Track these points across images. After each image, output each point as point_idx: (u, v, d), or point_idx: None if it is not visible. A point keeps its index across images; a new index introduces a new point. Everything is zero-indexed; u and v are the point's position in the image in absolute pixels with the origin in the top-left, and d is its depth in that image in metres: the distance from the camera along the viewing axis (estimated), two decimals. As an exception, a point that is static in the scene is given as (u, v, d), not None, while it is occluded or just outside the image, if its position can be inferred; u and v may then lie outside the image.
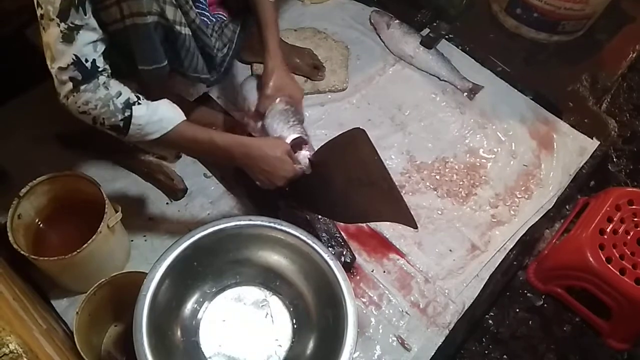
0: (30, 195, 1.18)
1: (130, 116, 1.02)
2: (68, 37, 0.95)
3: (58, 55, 0.97)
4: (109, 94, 1.01)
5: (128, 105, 1.02)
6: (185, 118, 1.10)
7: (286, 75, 1.28)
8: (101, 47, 1.01)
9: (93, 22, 0.98)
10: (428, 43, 1.77)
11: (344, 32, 1.82)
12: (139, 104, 1.03)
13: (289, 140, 1.21)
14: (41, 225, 1.24)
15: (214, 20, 1.27)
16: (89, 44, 0.98)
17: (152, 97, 1.08)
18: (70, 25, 0.95)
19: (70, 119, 1.07)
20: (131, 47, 1.04)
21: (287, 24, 1.78)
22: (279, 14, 1.62)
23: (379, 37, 1.82)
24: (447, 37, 1.84)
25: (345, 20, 1.86)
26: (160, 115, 1.06)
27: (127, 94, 1.03)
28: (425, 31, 1.83)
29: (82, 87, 0.99)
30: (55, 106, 1.10)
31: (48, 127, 1.45)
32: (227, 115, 1.52)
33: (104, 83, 1.00)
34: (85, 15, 0.95)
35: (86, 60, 0.98)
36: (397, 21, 1.81)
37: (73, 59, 0.97)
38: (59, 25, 0.94)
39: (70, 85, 0.98)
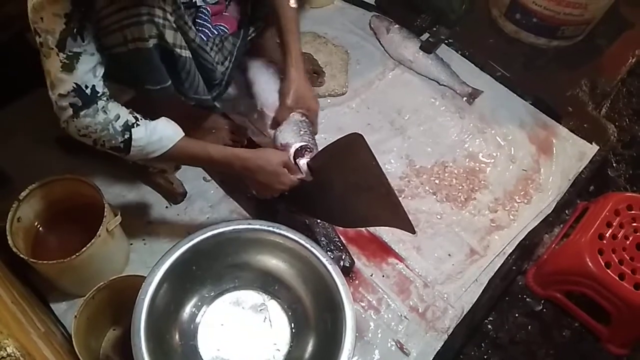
0: (30, 199, 1.19)
1: (130, 139, 1.05)
2: (68, 66, 0.97)
3: (58, 82, 0.99)
4: (107, 118, 1.03)
5: (127, 127, 1.05)
6: (183, 134, 1.12)
7: (306, 86, 1.28)
8: (100, 71, 1.02)
9: (92, 48, 0.99)
10: (427, 48, 1.77)
11: (344, 37, 1.82)
12: (137, 125, 1.06)
13: (294, 147, 1.20)
14: (40, 228, 1.25)
15: (215, 33, 1.27)
16: (89, 71, 1.00)
17: (156, 106, 1.10)
18: (69, 54, 0.96)
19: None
20: (136, 68, 1.06)
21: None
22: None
23: (379, 41, 1.83)
24: (446, 41, 1.84)
25: (345, 25, 1.87)
26: (159, 135, 1.08)
27: (126, 116, 1.05)
28: (425, 36, 1.84)
29: (82, 113, 1.01)
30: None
31: (48, 131, 1.44)
32: (229, 119, 1.52)
33: (103, 107, 1.03)
34: (84, 42, 0.97)
35: (86, 87, 1.00)
36: (397, 26, 1.81)
37: (74, 87, 0.99)
38: (58, 55, 0.96)
39: (70, 111, 1.00)
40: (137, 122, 1.06)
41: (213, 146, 1.16)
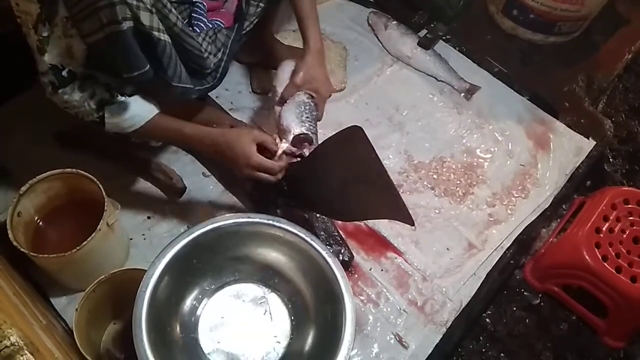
0: (30, 193, 1.18)
1: (104, 115, 1.10)
2: (41, 49, 1.02)
3: (37, 61, 1.05)
4: (83, 96, 1.09)
5: (101, 105, 1.10)
6: (157, 112, 1.16)
7: (319, 69, 1.30)
8: (79, 57, 1.04)
9: (61, 31, 1.01)
10: (425, 44, 1.78)
11: (342, 33, 1.83)
12: (112, 102, 1.10)
13: (293, 134, 1.21)
14: (41, 223, 1.25)
15: (210, 26, 1.27)
16: (61, 54, 1.03)
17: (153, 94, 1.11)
18: (41, 37, 1.00)
19: (70, 118, 1.10)
20: (113, 55, 1.04)
21: (285, 25, 1.79)
22: (279, 14, 1.63)
23: (377, 37, 1.83)
24: (444, 38, 1.85)
25: (343, 21, 1.87)
26: (132, 112, 1.13)
27: (101, 93, 1.10)
28: (423, 32, 1.84)
29: (60, 91, 1.07)
30: (54, 105, 1.11)
31: (48, 126, 1.45)
32: (226, 114, 1.53)
33: (80, 86, 1.08)
34: (54, 26, 0.99)
35: (62, 67, 1.04)
36: (395, 22, 1.82)
37: (49, 66, 1.04)
38: (35, 36, 1.00)
39: (49, 88, 1.07)
40: (113, 99, 1.10)
41: (188, 124, 1.19)
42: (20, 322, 0.84)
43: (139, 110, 1.14)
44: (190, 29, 1.18)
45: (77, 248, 1.10)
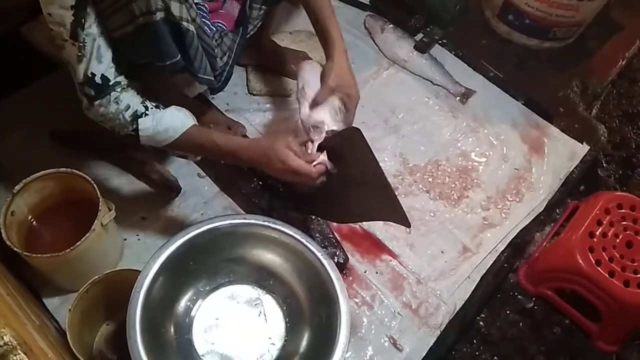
0: (23, 193, 1.18)
1: (139, 128, 1.08)
2: (79, 57, 1.01)
3: (73, 72, 1.04)
4: (119, 108, 1.07)
5: (135, 117, 1.08)
6: (191, 124, 1.13)
7: (348, 72, 1.25)
8: (106, 56, 1.03)
9: (94, 32, 1.00)
10: (422, 48, 1.79)
11: (339, 36, 1.83)
12: (146, 114, 1.08)
13: (327, 128, 1.16)
14: (34, 222, 1.24)
15: (214, 29, 1.27)
16: (95, 58, 1.02)
17: (155, 95, 1.10)
18: (80, 44, 1.00)
19: (65, 118, 1.09)
20: (144, 46, 1.05)
21: (282, 27, 1.79)
22: (275, 16, 1.63)
23: (373, 41, 1.84)
24: (440, 42, 1.86)
25: (340, 24, 1.83)
26: (165, 125, 1.10)
27: (136, 106, 1.08)
28: (419, 36, 1.85)
29: (96, 103, 1.05)
30: (50, 104, 1.11)
31: (43, 125, 1.45)
32: (223, 115, 1.53)
33: (116, 98, 1.06)
34: (87, 28, 0.99)
35: (93, 75, 1.03)
36: (391, 26, 1.82)
37: (86, 77, 1.03)
38: (73, 45, 1.00)
39: (85, 100, 1.06)
40: (146, 111, 1.08)
41: (219, 135, 1.15)
42: (13, 322, 0.83)
43: (174, 123, 1.11)
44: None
45: (71, 248, 1.09)
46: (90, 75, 1.03)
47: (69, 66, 1.04)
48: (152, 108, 1.09)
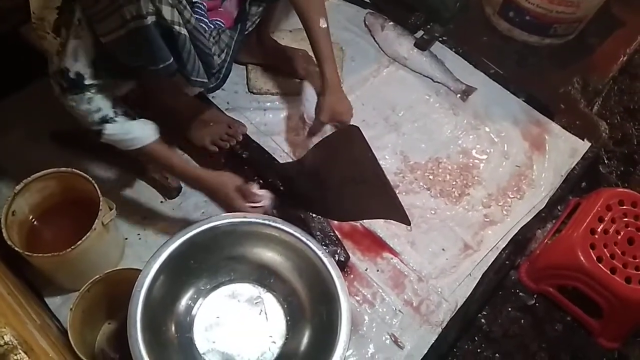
0: (24, 192, 1.18)
1: (103, 131, 1.13)
2: (59, 52, 1.04)
3: (50, 61, 1.07)
4: (89, 109, 1.10)
5: (103, 121, 1.12)
6: (155, 138, 1.18)
7: (340, 102, 1.42)
8: (86, 57, 1.05)
9: (77, 32, 1.03)
10: (422, 45, 1.78)
11: (339, 34, 1.82)
12: (114, 121, 1.12)
13: None
14: (35, 222, 1.24)
15: (212, 27, 1.27)
16: (72, 56, 1.05)
17: (155, 95, 1.11)
18: (62, 41, 1.02)
19: (65, 118, 1.10)
20: (136, 50, 1.05)
21: (282, 25, 1.79)
22: (276, 15, 1.63)
23: (374, 38, 1.83)
24: (440, 39, 1.85)
25: (340, 21, 1.87)
26: (132, 135, 1.15)
27: (107, 110, 1.12)
28: (419, 33, 1.84)
29: (69, 97, 1.08)
30: (50, 104, 1.11)
31: (43, 125, 1.45)
32: (223, 113, 1.53)
33: (89, 99, 1.09)
34: (71, 27, 1.02)
35: (68, 70, 1.05)
36: (392, 23, 1.82)
37: (60, 69, 1.05)
38: (55, 39, 1.03)
39: (58, 89, 1.08)
40: (115, 118, 1.12)
41: (178, 159, 1.28)
42: (14, 322, 0.83)
43: (140, 134, 1.16)
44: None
45: (72, 247, 1.09)
46: (64, 69, 1.05)
47: (46, 53, 1.07)
48: (121, 115, 1.13)
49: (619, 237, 1.39)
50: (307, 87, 1.51)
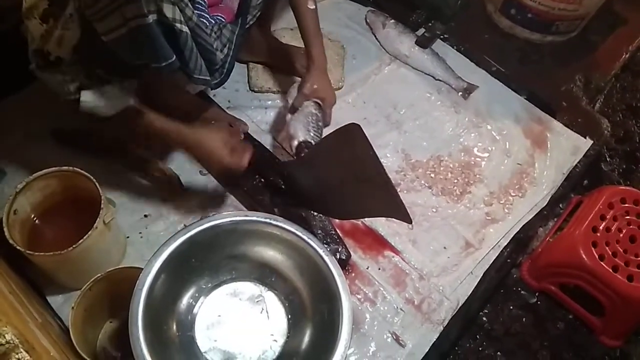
0: (26, 191, 1.18)
1: (80, 99, 1.13)
2: (42, 35, 1.06)
3: (31, 40, 1.10)
4: (64, 79, 1.11)
5: (79, 88, 1.12)
6: (132, 103, 1.18)
7: (323, 81, 1.44)
8: (69, 46, 1.07)
9: (72, 25, 1.04)
10: (423, 43, 1.78)
11: (340, 32, 1.83)
12: (90, 87, 1.13)
13: (297, 141, 1.32)
14: (37, 221, 1.24)
15: (213, 22, 1.27)
16: (57, 43, 1.06)
17: (156, 92, 1.11)
18: (47, 28, 1.04)
19: (66, 118, 1.10)
20: (138, 48, 1.05)
21: (282, 23, 1.79)
22: (276, 12, 1.63)
23: (375, 36, 1.83)
24: (442, 37, 1.85)
25: (341, 19, 1.87)
26: (108, 98, 1.15)
27: (81, 78, 1.12)
28: (421, 31, 1.84)
29: (45, 73, 1.11)
30: (50, 104, 1.12)
31: (43, 125, 1.45)
32: (224, 112, 1.53)
33: (63, 72, 1.10)
34: (60, 18, 1.03)
35: (49, 54, 1.07)
36: (393, 21, 1.82)
37: (41, 50, 1.08)
38: (41, 25, 1.05)
39: (34, 65, 1.12)
40: (90, 82, 1.13)
41: (157, 116, 1.22)
42: (15, 320, 0.84)
43: (116, 95, 1.16)
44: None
45: (74, 246, 1.09)
46: (46, 52, 1.07)
47: (27, 33, 1.08)
48: (96, 80, 1.13)
49: (621, 235, 1.39)
50: (293, 90, 1.52)
